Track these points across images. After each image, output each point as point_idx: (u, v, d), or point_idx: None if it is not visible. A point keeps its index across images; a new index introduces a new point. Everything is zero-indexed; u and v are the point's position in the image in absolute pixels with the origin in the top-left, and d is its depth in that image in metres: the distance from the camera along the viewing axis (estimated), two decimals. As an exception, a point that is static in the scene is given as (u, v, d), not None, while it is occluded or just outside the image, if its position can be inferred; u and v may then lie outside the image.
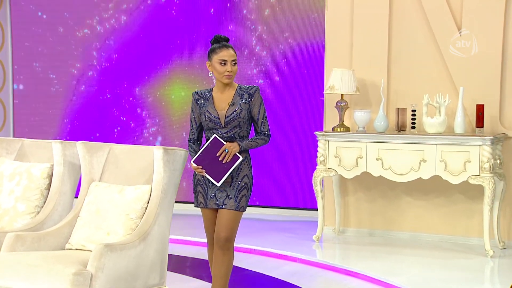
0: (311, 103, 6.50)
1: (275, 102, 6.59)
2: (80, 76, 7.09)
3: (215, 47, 3.51)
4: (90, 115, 7.09)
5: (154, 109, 6.97)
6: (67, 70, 7.11)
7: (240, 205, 3.48)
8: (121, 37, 7.00)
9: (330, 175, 5.41)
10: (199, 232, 5.17)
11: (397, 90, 5.65)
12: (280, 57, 6.59)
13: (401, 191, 5.67)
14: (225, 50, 3.48)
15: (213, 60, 3.50)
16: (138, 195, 3.52)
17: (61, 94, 7.15)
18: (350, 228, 5.81)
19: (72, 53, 7.07)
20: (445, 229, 5.51)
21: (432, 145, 5.12)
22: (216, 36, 3.54)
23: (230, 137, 3.49)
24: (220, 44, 3.51)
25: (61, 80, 7.13)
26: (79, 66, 7.09)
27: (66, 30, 7.08)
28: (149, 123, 6.98)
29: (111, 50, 7.02)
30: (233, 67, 3.50)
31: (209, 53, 3.54)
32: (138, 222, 3.48)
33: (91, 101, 7.10)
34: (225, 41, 3.53)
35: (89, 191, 3.67)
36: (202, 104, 3.55)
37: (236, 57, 3.51)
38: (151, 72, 6.96)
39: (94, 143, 3.77)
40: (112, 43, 7.00)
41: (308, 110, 6.52)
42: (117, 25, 6.99)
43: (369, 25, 5.65)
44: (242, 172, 3.51)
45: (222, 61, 3.47)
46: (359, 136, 5.33)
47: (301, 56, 6.52)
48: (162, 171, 3.53)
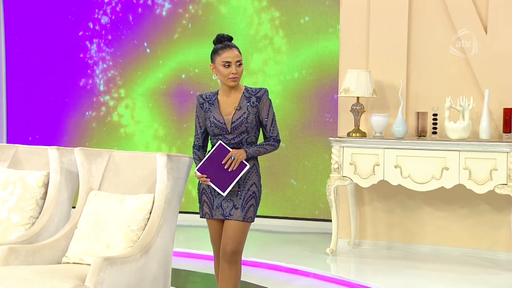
0: (324, 106, 6.49)
1: (285, 105, 6.59)
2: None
3: (217, 48, 3.49)
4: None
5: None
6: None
7: (248, 215, 3.47)
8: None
9: (345, 183, 5.40)
10: (204, 245, 5.17)
11: (417, 93, 5.64)
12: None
13: (421, 201, 5.65)
14: (229, 51, 3.46)
15: (217, 62, 3.48)
16: (140, 205, 3.52)
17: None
18: (366, 240, 5.79)
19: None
20: (470, 242, 5.48)
21: (455, 152, 5.10)
22: (218, 36, 3.51)
23: (237, 143, 3.48)
24: (223, 45, 3.48)
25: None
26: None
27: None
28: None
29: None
30: (238, 68, 3.47)
31: (212, 55, 3.51)
32: (139, 234, 3.48)
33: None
34: (228, 40, 3.51)
35: (88, 200, 3.68)
36: (207, 108, 3.54)
37: (241, 57, 3.48)
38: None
39: (93, 149, 3.77)
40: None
41: (321, 114, 6.51)
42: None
43: (386, 22, 5.65)
44: (249, 180, 3.49)
45: (226, 63, 3.45)
46: (376, 142, 5.32)
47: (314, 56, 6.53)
48: (165, 179, 3.53)
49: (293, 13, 6.52)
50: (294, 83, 6.59)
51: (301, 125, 6.58)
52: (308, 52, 6.51)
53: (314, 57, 6.49)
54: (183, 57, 6.86)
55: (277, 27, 6.59)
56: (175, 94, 6.89)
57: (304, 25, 6.50)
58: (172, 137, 6.94)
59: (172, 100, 6.92)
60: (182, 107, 6.86)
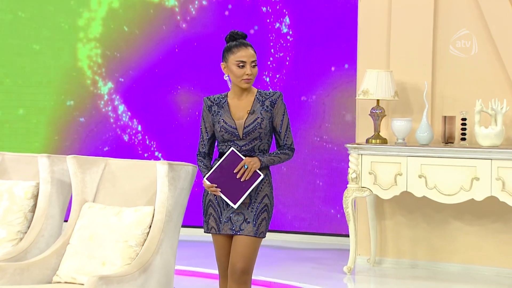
0: (341, 110, 6.49)
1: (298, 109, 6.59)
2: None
3: (231, 46, 3.50)
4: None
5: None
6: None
7: (260, 230, 3.46)
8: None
9: (363, 195, 5.39)
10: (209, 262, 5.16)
11: (444, 95, 5.62)
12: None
13: (449, 214, 5.62)
14: (244, 50, 3.47)
15: (230, 61, 3.49)
16: (139, 219, 3.52)
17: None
18: (387, 258, 5.77)
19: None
20: (504, 260, 5.45)
21: (487, 161, 5.08)
22: (232, 33, 3.52)
23: (249, 150, 3.48)
24: (237, 42, 3.49)
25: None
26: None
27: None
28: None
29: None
30: (252, 69, 3.48)
31: (224, 53, 3.52)
32: (138, 250, 3.49)
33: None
34: (243, 38, 3.52)
35: (81, 213, 3.68)
36: (216, 112, 3.54)
37: (256, 57, 3.49)
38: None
39: (87, 157, 3.78)
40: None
41: (337, 118, 6.50)
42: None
43: (410, 17, 5.64)
44: (262, 191, 3.49)
45: (240, 63, 3.46)
46: (398, 149, 5.31)
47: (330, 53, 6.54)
48: (166, 190, 3.54)
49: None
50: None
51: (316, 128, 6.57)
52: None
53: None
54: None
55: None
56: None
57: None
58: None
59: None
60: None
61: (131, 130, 7.09)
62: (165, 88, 6.99)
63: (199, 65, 6.87)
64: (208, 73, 6.76)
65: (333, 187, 6.52)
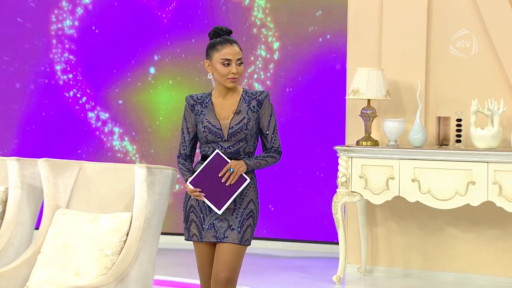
0: (330, 110, 6.50)
1: (285, 109, 6.59)
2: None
3: (215, 43, 3.49)
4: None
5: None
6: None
7: (245, 237, 3.47)
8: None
9: (354, 200, 5.40)
10: (191, 272, 5.15)
11: (438, 95, 5.65)
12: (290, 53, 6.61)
13: (443, 221, 5.65)
14: (229, 47, 3.47)
15: (214, 59, 3.49)
16: (115, 226, 3.51)
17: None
18: (379, 266, 5.79)
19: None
20: (502, 269, 5.48)
21: (483, 164, 5.10)
22: (216, 29, 3.52)
23: (234, 153, 3.48)
24: (222, 39, 3.49)
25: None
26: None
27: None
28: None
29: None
30: (238, 67, 3.48)
31: (208, 50, 3.52)
32: (114, 260, 3.48)
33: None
34: (227, 34, 3.52)
35: (54, 220, 3.67)
36: (200, 111, 3.54)
37: (241, 55, 3.50)
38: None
39: (60, 160, 3.78)
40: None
41: (326, 120, 6.51)
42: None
43: (402, 12, 5.66)
44: (247, 197, 3.49)
45: (225, 61, 3.46)
46: (390, 151, 5.32)
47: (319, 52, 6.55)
48: (145, 196, 3.53)
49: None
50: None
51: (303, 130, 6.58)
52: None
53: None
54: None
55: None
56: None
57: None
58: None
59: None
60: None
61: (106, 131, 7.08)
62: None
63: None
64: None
65: (322, 191, 6.53)
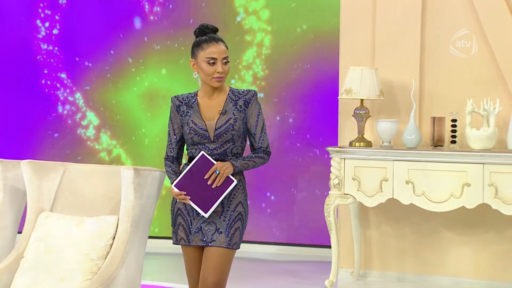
0: (322, 110, 6.51)
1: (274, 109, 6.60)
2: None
3: (200, 41, 3.51)
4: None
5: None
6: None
7: (233, 241, 3.48)
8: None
9: (346, 202, 5.40)
10: (178, 276, 5.14)
11: (433, 94, 5.65)
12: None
13: (438, 223, 5.65)
14: (215, 45, 3.48)
15: (199, 58, 3.50)
16: (101, 229, 3.51)
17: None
18: (373, 271, 5.79)
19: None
20: (497, 273, 5.49)
21: (479, 165, 5.11)
22: (202, 26, 3.53)
23: (221, 154, 3.49)
24: (208, 37, 3.50)
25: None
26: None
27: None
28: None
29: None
30: (224, 66, 3.50)
31: (193, 48, 3.53)
32: (100, 264, 3.49)
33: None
34: (213, 32, 3.53)
35: (37, 224, 3.67)
36: (185, 112, 3.55)
37: (227, 54, 3.51)
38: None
39: (44, 162, 3.78)
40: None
41: (318, 120, 6.52)
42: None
43: (396, 10, 5.66)
44: (235, 199, 3.51)
45: (211, 59, 3.48)
46: (384, 152, 5.32)
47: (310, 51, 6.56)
48: (132, 198, 3.54)
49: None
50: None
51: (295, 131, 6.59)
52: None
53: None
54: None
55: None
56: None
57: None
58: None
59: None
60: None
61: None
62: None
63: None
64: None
65: (314, 193, 6.53)
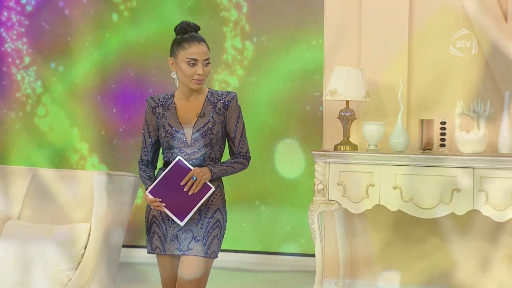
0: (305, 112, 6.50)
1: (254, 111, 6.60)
2: None
3: (181, 40, 3.50)
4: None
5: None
6: None
7: (211, 249, 3.48)
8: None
9: (331, 209, 5.40)
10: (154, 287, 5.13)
11: (421, 96, 5.67)
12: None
13: (427, 231, 5.67)
14: (196, 46, 3.48)
15: (179, 58, 3.50)
16: (73, 238, 3.50)
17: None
18: (359, 280, 5.80)
19: None
20: (489, 282, 5.51)
21: (469, 169, 5.13)
22: (183, 24, 3.52)
23: (198, 159, 3.49)
24: (189, 36, 3.49)
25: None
26: None
27: None
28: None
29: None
30: (205, 68, 3.50)
31: (173, 47, 3.53)
32: (71, 275, 3.47)
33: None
34: (195, 30, 3.52)
35: (4, 233, 3.66)
36: (161, 114, 3.55)
37: (209, 55, 3.51)
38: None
39: (11, 167, 3.75)
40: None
41: (301, 122, 6.52)
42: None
43: (383, 8, 5.68)
44: (213, 205, 3.51)
45: (191, 60, 3.47)
46: (370, 156, 5.34)
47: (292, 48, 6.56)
48: (105, 205, 3.52)
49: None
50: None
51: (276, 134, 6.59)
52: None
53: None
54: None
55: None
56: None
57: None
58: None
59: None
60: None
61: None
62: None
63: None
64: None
65: (297, 200, 6.52)
